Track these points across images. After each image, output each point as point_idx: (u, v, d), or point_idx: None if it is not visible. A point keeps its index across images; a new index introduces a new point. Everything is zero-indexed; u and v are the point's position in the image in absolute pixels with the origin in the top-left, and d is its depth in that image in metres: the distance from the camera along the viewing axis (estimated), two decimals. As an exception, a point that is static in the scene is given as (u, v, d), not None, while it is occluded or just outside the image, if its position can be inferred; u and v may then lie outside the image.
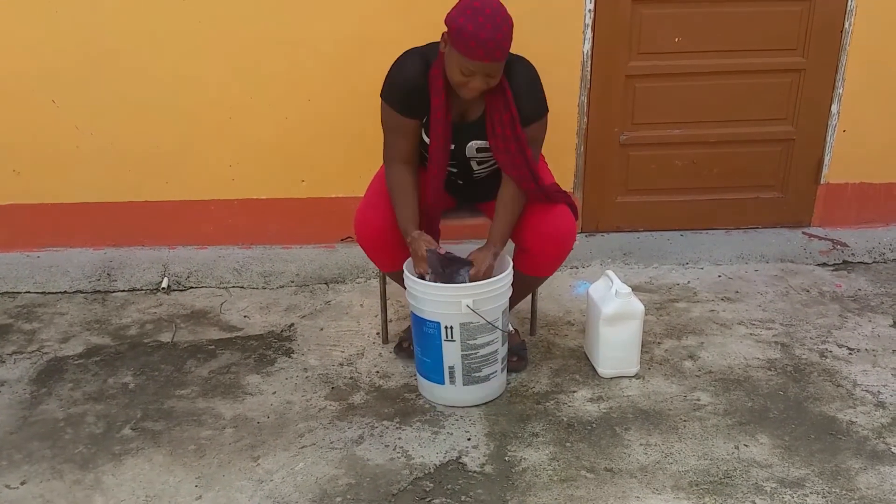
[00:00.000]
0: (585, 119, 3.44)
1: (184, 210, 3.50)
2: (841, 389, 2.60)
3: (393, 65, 2.44)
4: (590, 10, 3.27)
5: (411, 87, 2.39)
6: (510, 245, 2.57)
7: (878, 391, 2.58)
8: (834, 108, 3.48)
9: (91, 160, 3.41)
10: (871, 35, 3.35)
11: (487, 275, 2.43)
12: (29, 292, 3.31)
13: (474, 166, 2.57)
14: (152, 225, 3.51)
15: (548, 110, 2.47)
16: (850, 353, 2.79)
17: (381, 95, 2.45)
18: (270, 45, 3.26)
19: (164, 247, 3.54)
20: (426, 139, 2.48)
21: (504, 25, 2.21)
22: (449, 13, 2.27)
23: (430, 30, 2.48)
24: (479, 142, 2.49)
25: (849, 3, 3.31)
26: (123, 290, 3.32)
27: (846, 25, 3.35)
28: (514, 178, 2.45)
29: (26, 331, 3.03)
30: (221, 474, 2.27)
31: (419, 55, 2.41)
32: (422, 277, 2.40)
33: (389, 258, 2.59)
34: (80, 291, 3.31)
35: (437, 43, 2.36)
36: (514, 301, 2.63)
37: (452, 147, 2.48)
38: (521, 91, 2.39)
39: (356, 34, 3.24)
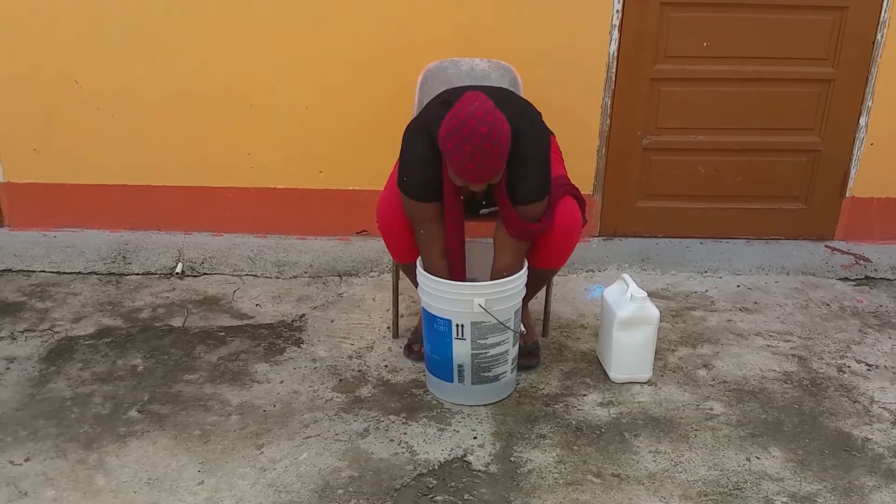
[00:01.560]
0: (608, 121, 3.39)
1: (201, 196, 3.49)
2: (858, 406, 2.55)
3: (405, 152, 2.42)
4: (618, 11, 3.22)
5: (426, 178, 2.39)
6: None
7: (896, 409, 2.53)
8: (862, 121, 3.42)
9: (111, 142, 3.41)
10: (904, 48, 3.30)
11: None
12: (44, 271, 3.31)
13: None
14: (169, 209, 3.51)
15: (548, 193, 2.41)
16: (868, 370, 2.74)
17: (399, 186, 2.43)
18: (293, 34, 3.25)
19: (179, 232, 3.54)
20: None
21: (493, 150, 2.16)
22: (441, 127, 2.21)
23: (454, 34, 2.45)
24: (487, 209, 2.55)
25: (882, 15, 3.26)
26: (138, 274, 3.31)
27: (878, 37, 3.29)
28: (515, 236, 2.44)
29: (39, 309, 3.03)
30: (224, 460, 2.25)
31: (426, 141, 2.35)
32: None
33: (406, 248, 2.57)
34: (95, 273, 3.31)
35: (433, 107, 2.39)
36: (528, 296, 2.59)
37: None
38: (523, 169, 2.35)
39: (379, 30, 3.22)
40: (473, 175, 2.20)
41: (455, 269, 2.49)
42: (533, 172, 2.37)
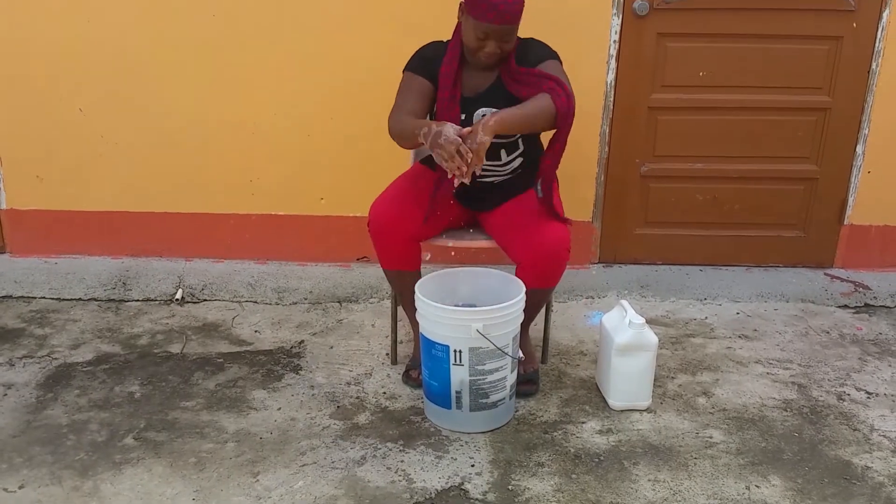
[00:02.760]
0: (607, 149, 3.40)
1: (202, 222, 3.49)
2: (858, 434, 2.52)
3: (417, 50, 2.62)
4: (615, 41, 3.24)
5: (434, 57, 2.54)
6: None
7: (897, 437, 2.50)
8: (859, 149, 3.42)
9: (114, 169, 3.42)
10: (900, 76, 3.31)
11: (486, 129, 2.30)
12: (44, 297, 3.30)
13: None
14: (170, 236, 3.51)
15: (561, 61, 2.55)
16: (868, 398, 2.71)
17: (405, 69, 2.59)
18: (296, 62, 3.27)
19: (180, 258, 3.54)
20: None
21: None
22: None
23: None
24: (487, 108, 2.49)
25: (876, 45, 3.27)
26: (138, 300, 3.30)
27: (873, 66, 3.30)
28: (547, 91, 2.43)
29: (38, 335, 3.02)
30: (220, 489, 2.22)
31: (439, 41, 2.60)
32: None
33: (394, 253, 2.59)
34: (95, 299, 3.30)
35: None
36: (526, 322, 2.58)
37: (463, 117, 2.52)
38: (536, 58, 2.51)
39: (381, 57, 3.23)
40: (496, 9, 2.33)
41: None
42: (545, 51, 2.55)
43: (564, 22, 3.18)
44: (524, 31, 2.53)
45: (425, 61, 2.55)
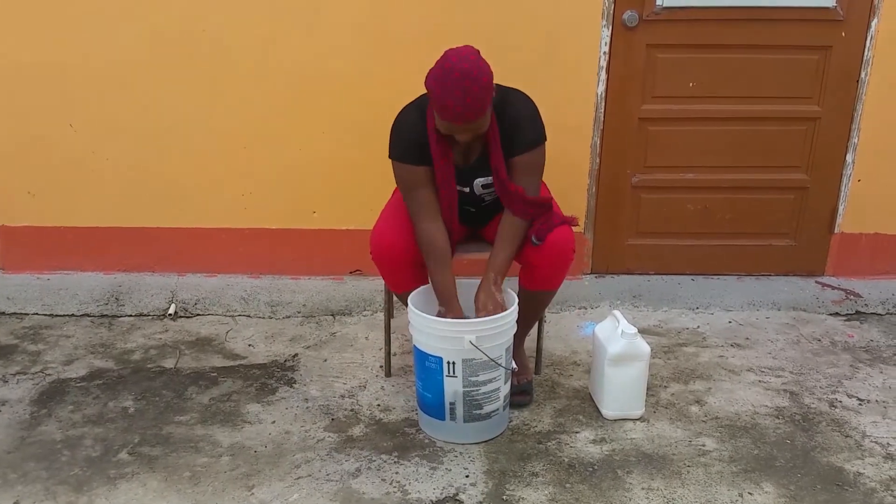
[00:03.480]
0: (598, 160, 3.44)
1: (195, 237, 3.51)
2: (850, 440, 2.54)
3: (393, 125, 2.49)
4: (605, 53, 3.28)
5: (413, 141, 2.44)
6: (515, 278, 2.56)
7: (888, 443, 2.52)
8: (849, 158, 3.46)
9: (106, 185, 3.44)
10: (887, 86, 3.34)
11: (497, 309, 2.42)
12: (37, 314, 3.31)
13: (485, 197, 2.59)
14: (163, 251, 3.53)
15: (545, 139, 2.48)
16: (860, 404, 2.74)
17: (391, 156, 2.49)
18: (288, 77, 3.30)
19: (173, 273, 3.55)
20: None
21: (473, 87, 2.21)
22: (428, 72, 2.29)
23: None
24: (483, 178, 2.52)
25: (865, 53, 3.32)
26: (131, 315, 3.32)
27: (862, 76, 3.35)
28: (517, 214, 2.46)
29: (31, 352, 3.03)
30: (215, 502, 2.23)
31: (415, 109, 2.47)
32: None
33: (402, 278, 2.59)
34: (88, 315, 3.31)
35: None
36: (522, 331, 2.60)
37: (466, 190, 2.52)
38: (516, 122, 2.43)
39: (370, 71, 3.27)
40: (454, 112, 2.22)
41: (450, 231, 2.49)
42: (525, 124, 2.43)
43: (553, 35, 3.23)
44: (513, 51, 2.54)
45: (411, 147, 2.44)
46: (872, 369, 2.96)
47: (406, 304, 2.66)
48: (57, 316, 3.30)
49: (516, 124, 2.42)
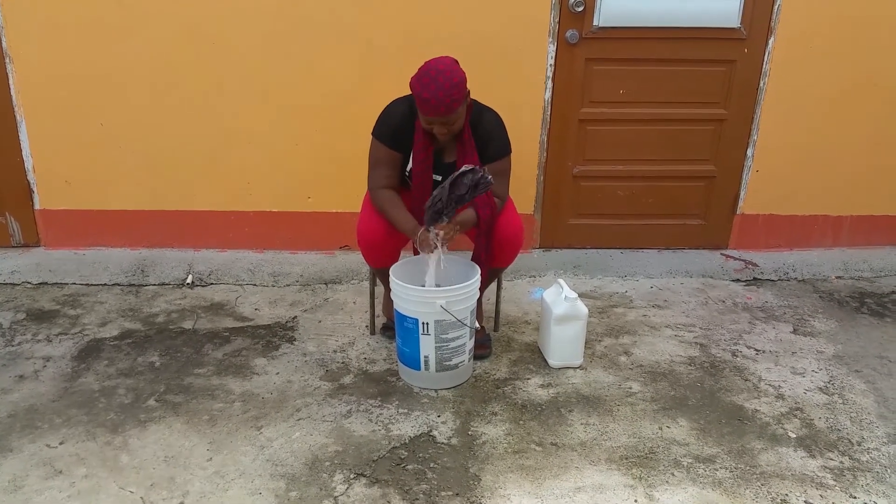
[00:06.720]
0: (545, 155, 3.44)
1: (208, 218, 3.46)
2: (748, 383, 2.60)
3: (384, 109, 2.48)
4: (551, 65, 3.28)
5: (399, 126, 2.43)
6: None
7: (779, 385, 2.59)
8: (749, 152, 3.51)
9: (131, 174, 3.38)
10: (782, 93, 3.38)
11: (447, 227, 2.37)
12: (75, 283, 3.26)
13: None
14: (181, 230, 3.48)
15: (510, 151, 2.47)
16: (756, 354, 2.80)
17: (373, 133, 2.48)
18: (285, 84, 3.25)
19: (190, 249, 3.51)
20: (410, 167, 2.49)
21: (446, 84, 2.22)
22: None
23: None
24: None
25: (764, 66, 3.35)
26: (154, 284, 3.28)
27: (761, 84, 3.38)
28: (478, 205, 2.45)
29: (71, 316, 2.98)
30: (229, 440, 2.24)
31: (406, 101, 2.46)
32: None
33: (381, 258, 2.60)
34: (118, 284, 3.26)
35: None
36: (482, 287, 2.61)
37: (439, 178, 2.50)
38: (489, 134, 2.44)
39: (360, 75, 3.23)
40: (429, 104, 2.23)
41: (418, 214, 2.44)
42: (496, 136, 2.46)
43: (508, 50, 3.21)
44: (476, 62, 2.52)
45: (392, 132, 2.43)
46: (767, 325, 3.03)
47: (382, 280, 2.67)
48: (92, 285, 3.25)
49: (489, 136, 2.44)
